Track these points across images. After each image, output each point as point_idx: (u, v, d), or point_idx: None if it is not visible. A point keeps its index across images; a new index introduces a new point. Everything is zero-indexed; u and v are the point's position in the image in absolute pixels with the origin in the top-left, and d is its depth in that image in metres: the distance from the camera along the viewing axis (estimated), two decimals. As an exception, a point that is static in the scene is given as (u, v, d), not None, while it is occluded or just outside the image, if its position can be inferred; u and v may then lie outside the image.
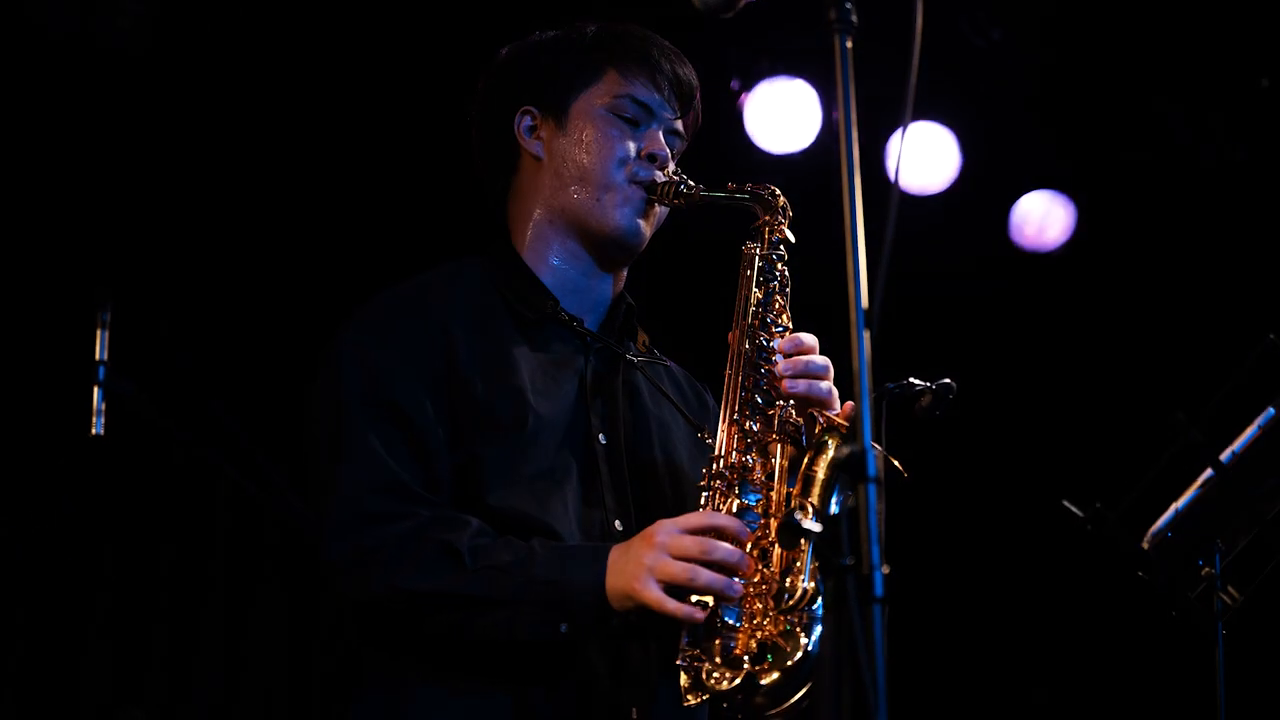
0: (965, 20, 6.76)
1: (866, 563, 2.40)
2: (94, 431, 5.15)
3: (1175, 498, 3.48)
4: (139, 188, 5.86)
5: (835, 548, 2.43)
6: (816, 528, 2.50)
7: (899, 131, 2.70)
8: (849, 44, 2.62)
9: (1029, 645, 7.29)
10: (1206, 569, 3.48)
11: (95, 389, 5.13)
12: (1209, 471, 3.43)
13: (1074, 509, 3.30)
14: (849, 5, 2.62)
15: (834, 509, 3.00)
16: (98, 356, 5.16)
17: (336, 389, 3.30)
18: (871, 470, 2.42)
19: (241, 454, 5.41)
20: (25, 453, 5.41)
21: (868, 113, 6.73)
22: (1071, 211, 7.19)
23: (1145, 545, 3.38)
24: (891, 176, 2.68)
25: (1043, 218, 7.24)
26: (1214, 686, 3.48)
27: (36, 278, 5.65)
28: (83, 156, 5.76)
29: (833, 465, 3.05)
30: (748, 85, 6.74)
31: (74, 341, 5.21)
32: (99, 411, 5.14)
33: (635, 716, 3.22)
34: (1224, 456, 3.41)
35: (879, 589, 2.39)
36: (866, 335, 2.50)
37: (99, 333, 5.17)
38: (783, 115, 6.81)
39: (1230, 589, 3.55)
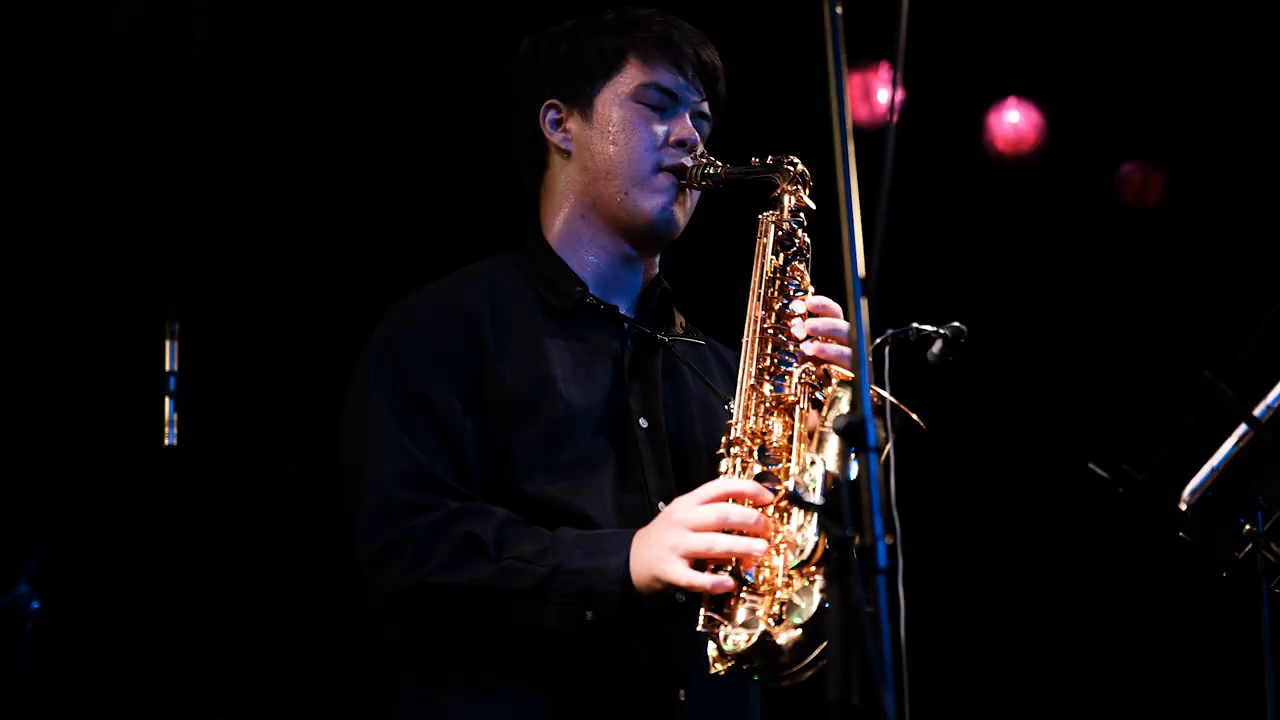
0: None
1: (869, 533, 2.36)
2: (167, 442, 5.21)
3: (1197, 455, 3.40)
4: (205, 201, 5.91)
5: (837, 518, 2.40)
6: (818, 500, 2.46)
7: (892, 93, 2.65)
8: (839, 10, 2.56)
9: (1055, 609, 7.15)
10: (1248, 526, 3.41)
11: (166, 400, 5.20)
12: (1243, 428, 3.35)
13: (1100, 471, 3.23)
14: (837, -28, 2.56)
15: (854, 465, 2.97)
16: (167, 368, 5.22)
17: (366, 385, 3.32)
18: (872, 440, 2.39)
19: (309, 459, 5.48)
20: (98, 466, 5.47)
21: (958, 86, 6.72)
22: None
23: (1183, 506, 3.31)
24: (890, 141, 2.64)
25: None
26: (1260, 646, 3.41)
27: (105, 290, 5.70)
28: (150, 171, 5.81)
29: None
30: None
31: (144, 353, 5.27)
32: (171, 422, 5.20)
33: (683, 698, 3.21)
34: (1258, 412, 3.34)
35: (882, 560, 2.36)
36: (864, 304, 2.47)
37: (168, 344, 5.23)
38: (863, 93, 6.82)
39: (1274, 546, 3.47)
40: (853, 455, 2.90)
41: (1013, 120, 7.14)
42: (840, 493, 2.39)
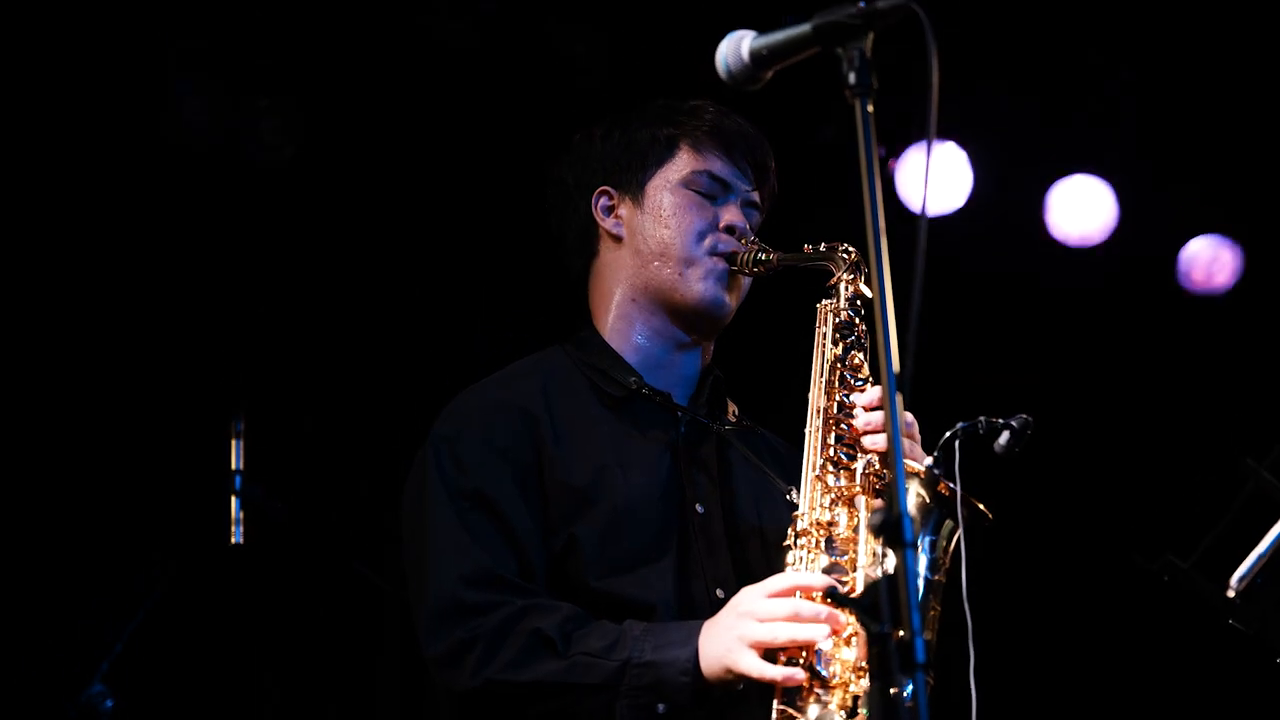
0: (1094, 60, 6.69)
1: (908, 629, 2.37)
2: (233, 540, 5.25)
3: (1231, 540, 3.37)
4: (269, 298, 5.97)
5: (876, 614, 2.41)
6: (857, 597, 2.47)
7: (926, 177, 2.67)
8: (870, 108, 2.59)
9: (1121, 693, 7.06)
10: (1296, 613, 3.38)
11: (232, 498, 5.24)
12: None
13: (1143, 561, 3.22)
14: (866, 69, 2.60)
15: (924, 553, 2.99)
16: (233, 466, 5.26)
17: (427, 484, 3.36)
18: (909, 535, 2.40)
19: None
20: (166, 563, 5.51)
21: (1024, 167, 6.69)
22: (1239, 255, 7.08)
23: (1231, 593, 3.28)
24: (921, 234, 2.66)
25: (1211, 261, 7.13)
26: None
27: (171, 390, 5.76)
28: (214, 268, 5.87)
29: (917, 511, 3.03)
30: (895, 152, 6.73)
31: (210, 452, 5.31)
32: (237, 520, 5.24)
33: None
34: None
35: (920, 655, 2.36)
36: (899, 398, 2.48)
37: (234, 443, 5.28)
38: (934, 178, 6.82)
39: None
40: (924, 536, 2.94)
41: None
42: (880, 588, 2.41)
